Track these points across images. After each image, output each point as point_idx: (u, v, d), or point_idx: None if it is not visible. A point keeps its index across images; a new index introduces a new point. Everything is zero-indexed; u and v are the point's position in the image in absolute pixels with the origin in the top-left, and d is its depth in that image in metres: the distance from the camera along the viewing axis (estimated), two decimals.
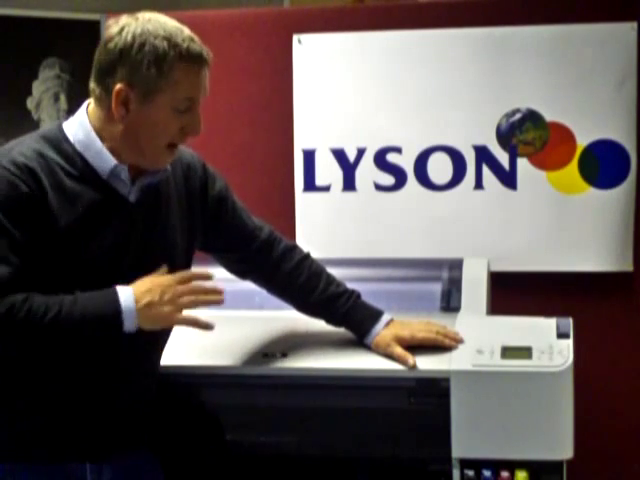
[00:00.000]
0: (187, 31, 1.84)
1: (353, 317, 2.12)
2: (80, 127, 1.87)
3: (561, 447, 1.99)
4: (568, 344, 2.03)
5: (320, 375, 2.05)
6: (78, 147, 1.85)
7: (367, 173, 2.83)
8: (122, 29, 1.82)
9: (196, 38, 1.85)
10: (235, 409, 2.09)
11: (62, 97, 4.33)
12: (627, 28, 2.70)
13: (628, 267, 2.77)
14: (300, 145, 2.86)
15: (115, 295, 1.80)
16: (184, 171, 2.03)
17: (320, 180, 2.86)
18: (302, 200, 2.87)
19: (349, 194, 2.85)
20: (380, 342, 2.07)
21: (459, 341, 2.07)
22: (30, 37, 4.25)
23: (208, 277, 1.93)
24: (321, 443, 2.08)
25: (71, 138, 1.85)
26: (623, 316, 2.80)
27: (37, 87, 4.31)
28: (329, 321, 2.16)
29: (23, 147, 1.82)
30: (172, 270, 1.90)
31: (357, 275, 2.58)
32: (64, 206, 1.79)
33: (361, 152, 2.83)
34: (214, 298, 1.92)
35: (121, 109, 1.82)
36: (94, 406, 1.87)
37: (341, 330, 2.17)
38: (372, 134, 2.82)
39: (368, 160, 2.83)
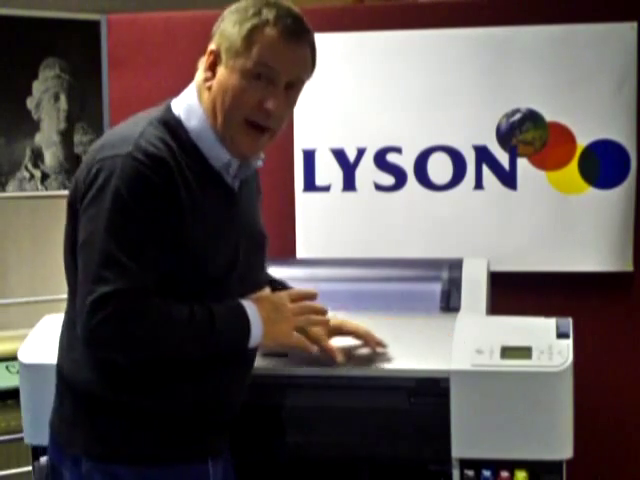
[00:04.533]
0: (294, 9, 1.79)
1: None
2: (191, 111, 1.79)
3: (561, 447, 1.99)
4: (568, 344, 2.03)
5: (320, 375, 2.05)
6: (192, 136, 1.77)
7: (367, 173, 2.83)
8: None
9: (300, 17, 1.79)
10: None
11: (62, 97, 4.33)
12: (627, 28, 2.70)
13: (628, 267, 2.77)
14: (300, 145, 2.86)
15: (243, 310, 1.79)
16: None
17: (320, 180, 2.86)
18: (302, 200, 2.87)
19: (349, 194, 2.85)
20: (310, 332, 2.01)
21: (381, 345, 2.05)
22: (30, 37, 4.26)
23: (314, 296, 1.94)
24: (321, 443, 2.08)
25: (184, 123, 1.78)
26: (623, 316, 2.80)
27: (37, 87, 4.31)
28: None
29: (148, 134, 1.72)
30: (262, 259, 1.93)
31: (357, 275, 2.58)
32: (190, 202, 1.72)
33: (361, 152, 2.83)
34: (322, 319, 1.94)
35: (209, 73, 1.78)
36: (219, 406, 1.84)
37: None
38: (372, 134, 2.82)
39: (368, 160, 2.83)
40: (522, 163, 2.77)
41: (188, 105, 1.80)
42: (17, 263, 4.30)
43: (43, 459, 2.14)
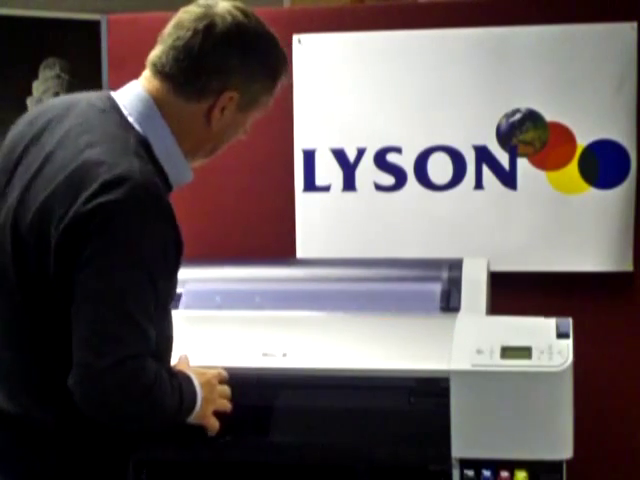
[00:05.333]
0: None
1: None
2: (158, 129, 1.67)
3: (561, 447, 1.99)
4: (568, 344, 2.03)
5: (320, 375, 2.05)
6: (160, 158, 1.67)
7: (367, 173, 2.83)
8: (238, 23, 1.67)
9: None
10: (235, 409, 2.08)
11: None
12: (627, 28, 2.70)
13: (628, 267, 2.77)
14: (300, 145, 2.86)
15: (194, 388, 1.77)
16: None
17: (320, 180, 2.85)
18: (302, 200, 2.87)
19: (349, 194, 2.84)
20: None
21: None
22: (30, 37, 4.26)
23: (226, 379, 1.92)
24: (321, 443, 2.08)
25: (152, 144, 1.65)
26: (623, 316, 2.80)
27: (37, 87, 4.32)
28: None
29: (138, 165, 1.58)
30: None
31: (357, 275, 2.58)
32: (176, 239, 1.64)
33: (361, 152, 2.83)
34: (229, 407, 1.91)
35: (218, 114, 1.70)
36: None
37: (340, 330, 2.17)
38: (372, 134, 2.82)
39: (368, 160, 2.83)
40: (522, 163, 2.77)
41: (156, 125, 1.69)
42: None
43: None
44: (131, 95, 1.71)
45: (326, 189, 2.85)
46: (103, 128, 1.64)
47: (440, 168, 2.80)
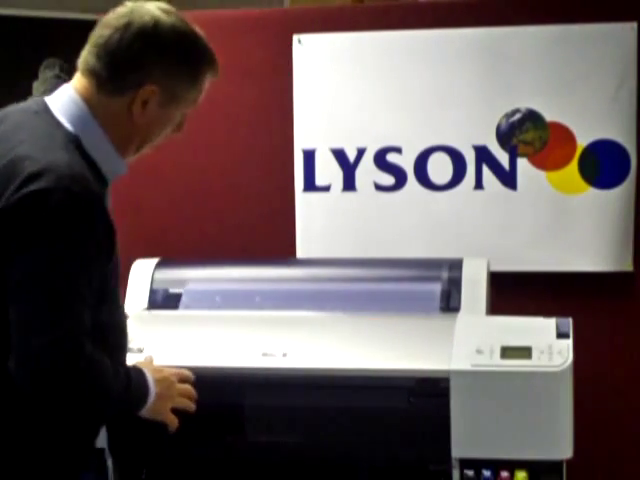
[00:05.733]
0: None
1: None
2: (87, 124, 1.74)
3: (561, 447, 1.99)
4: (568, 344, 2.04)
5: (320, 375, 2.05)
6: (91, 153, 1.73)
7: (367, 173, 2.83)
8: (156, 20, 1.74)
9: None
10: (235, 409, 2.09)
11: None
12: (627, 28, 2.70)
13: (628, 267, 2.77)
14: (300, 145, 2.86)
15: (146, 381, 1.84)
16: None
17: (320, 180, 2.85)
18: (302, 200, 2.87)
19: (349, 194, 2.85)
20: None
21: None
22: (30, 37, 4.26)
23: (192, 379, 2.00)
24: (321, 443, 2.08)
25: (82, 140, 1.72)
26: (623, 316, 2.80)
27: (37, 87, 4.31)
28: None
29: (65, 157, 1.65)
30: None
31: (357, 275, 2.58)
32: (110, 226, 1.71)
33: (361, 152, 2.83)
34: (192, 406, 1.96)
35: (139, 107, 1.75)
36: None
37: (340, 330, 2.17)
38: (372, 134, 2.82)
39: (368, 160, 2.83)
40: (522, 163, 2.77)
41: (81, 119, 1.75)
42: None
43: None
44: (62, 96, 1.79)
45: (326, 189, 2.86)
46: (34, 127, 1.73)
47: (440, 168, 2.80)
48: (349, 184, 2.84)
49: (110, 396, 1.73)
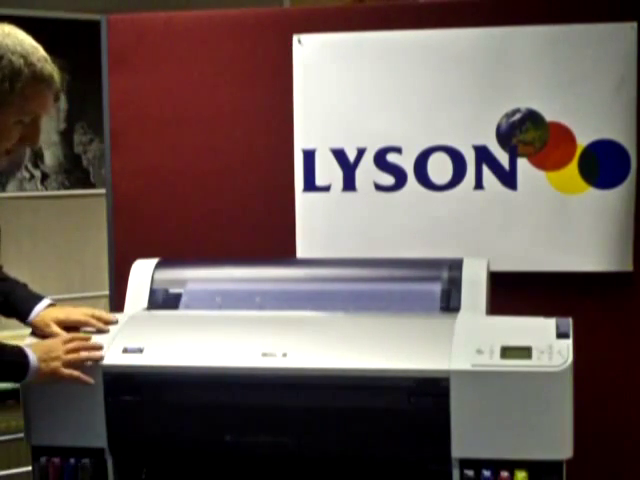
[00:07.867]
0: (42, 51, 1.98)
1: (16, 296, 2.27)
2: None
3: (561, 447, 1.99)
4: (568, 344, 2.04)
5: (320, 375, 2.05)
6: None
7: (367, 173, 2.83)
8: None
9: (49, 59, 2.00)
10: (235, 409, 2.09)
11: (62, 97, 4.33)
12: (627, 28, 2.70)
13: (628, 267, 2.77)
14: (300, 145, 2.86)
15: (20, 348, 2.07)
16: None
17: (320, 180, 2.85)
18: (302, 200, 2.87)
19: (349, 194, 2.85)
20: (39, 322, 2.23)
21: (111, 322, 2.24)
22: (30, 37, 4.25)
23: (87, 338, 2.18)
24: (320, 443, 2.08)
25: None
26: (623, 316, 2.80)
27: None
28: None
29: None
30: None
31: (357, 275, 2.58)
32: None
33: (361, 152, 2.83)
34: (95, 355, 2.14)
35: None
36: None
37: (341, 330, 2.16)
38: (372, 134, 2.82)
39: (368, 160, 2.83)
40: (522, 163, 2.77)
41: None
42: (17, 263, 4.29)
43: (43, 459, 2.15)
44: None
45: (326, 189, 2.85)
46: None
47: (440, 168, 2.80)
48: (349, 184, 2.84)
49: None
